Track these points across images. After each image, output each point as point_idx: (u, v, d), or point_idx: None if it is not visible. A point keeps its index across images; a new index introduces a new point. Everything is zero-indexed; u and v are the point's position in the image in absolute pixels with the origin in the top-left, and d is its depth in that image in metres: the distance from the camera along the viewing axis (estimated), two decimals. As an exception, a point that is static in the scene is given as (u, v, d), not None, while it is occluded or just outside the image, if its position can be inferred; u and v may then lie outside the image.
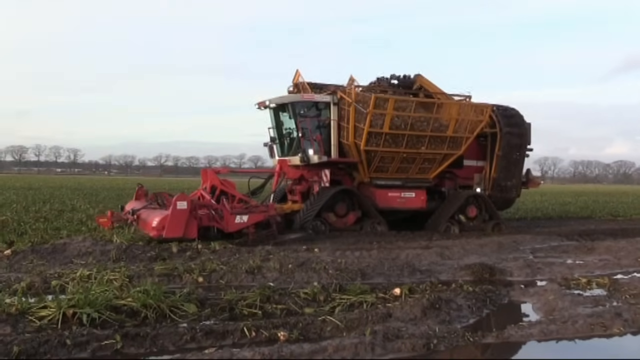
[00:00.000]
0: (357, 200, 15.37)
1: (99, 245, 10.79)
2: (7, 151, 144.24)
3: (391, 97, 15.23)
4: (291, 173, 15.79)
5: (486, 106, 16.41)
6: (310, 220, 14.38)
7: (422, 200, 16.33)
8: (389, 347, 5.62)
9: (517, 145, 17.21)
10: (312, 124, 15.44)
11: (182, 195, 12.30)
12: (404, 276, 9.56)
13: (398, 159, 15.51)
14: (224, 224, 12.41)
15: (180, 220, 11.63)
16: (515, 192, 17.76)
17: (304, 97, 15.57)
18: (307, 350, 5.34)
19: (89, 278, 8.05)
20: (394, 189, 16.04)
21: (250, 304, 7.02)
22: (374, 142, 15.04)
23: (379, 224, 15.41)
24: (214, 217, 12.42)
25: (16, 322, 6.08)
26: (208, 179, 13.76)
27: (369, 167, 15.49)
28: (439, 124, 15.70)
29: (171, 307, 6.63)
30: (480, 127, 16.27)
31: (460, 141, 16.02)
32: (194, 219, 11.90)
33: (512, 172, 17.32)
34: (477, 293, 7.89)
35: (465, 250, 12.21)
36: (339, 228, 14.97)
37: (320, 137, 15.24)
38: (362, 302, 7.33)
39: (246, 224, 12.61)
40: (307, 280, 8.79)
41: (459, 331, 6.21)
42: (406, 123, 15.15)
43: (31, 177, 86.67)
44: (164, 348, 5.63)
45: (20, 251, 10.21)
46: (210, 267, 9.12)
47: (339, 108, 15.46)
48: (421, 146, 15.51)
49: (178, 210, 11.64)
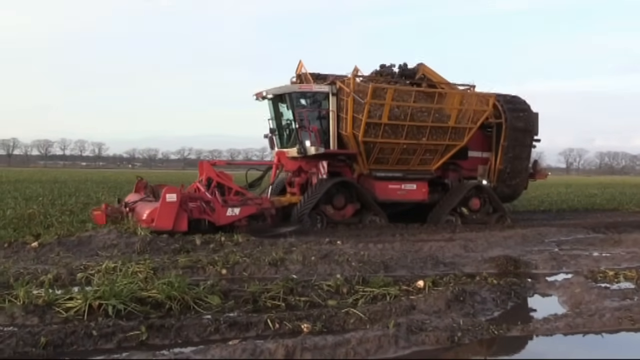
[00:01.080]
0: (356, 192, 15.11)
1: (124, 237, 10.89)
2: (34, 145, 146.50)
3: (390, 87, 14.98)
4: (289, 165, 15.56)
5: (490, 96, 16.04)
6: (307, 212, 14.13)
7: (424, 193, 16.01)
8: (413, 339, 5.59)
9: (523, 135, 16.81)
10: (310, 114, 15.19)
11: (171, 187, 12.18)
12: (427, 268, 9.51)
13: (398, 150, 15.23)
14: (215, 216, 12.32)
15: (169, 212, 11.53)
16: (522, 183, 17.39)
17: (301, 87, 15.42)
18: (330, 342, 5.33)
19: (114, 270, 8.13)
20: (395, 181, 15.75)
21: (274, 296, 7.03)
22: (373, 133, 14.77)
23: (379, 216, 15.16)
24: (205, 209, 12.33)
25: (43, 313, 6.17)
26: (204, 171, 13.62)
27: (368, 159, 15.22)
28: (440, 114, 15.42)
29: (195, 299, 6.67)
30: (484, 117, 15.91)
31: (463, 132, 15.70)
32: (183, 211, 11.81)
33: (518, 163, 16.89)
34: (501, 286, 7.81)
35: (489, 242, 12.10)
36: (337, 221, 14.74)
37: (317, 128, 14.95)
38: (385, 294, 7.29)
39: (238, 216, 12.51)
40: (330, 272, 8.78)
41: (484, 324, 6.15)
42: (406, 113, 14.90)
43: (57, 170, 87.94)
44: (188, 339, 5.66)
45: (46, 243, 10.34)
46: (234, 260, 9.15)
47: (338, 98, 15.20)
48: (422, 137, 15.22)
49: (167, 203, 11.55)
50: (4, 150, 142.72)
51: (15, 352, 5.11)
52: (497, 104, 16.52)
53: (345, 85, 14.95)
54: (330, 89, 15.20)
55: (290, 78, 16.33)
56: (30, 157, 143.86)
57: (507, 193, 17.20)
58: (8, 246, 10.17)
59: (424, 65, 16.66)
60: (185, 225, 11.75)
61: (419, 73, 16.60)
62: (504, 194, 17.07)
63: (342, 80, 15.28)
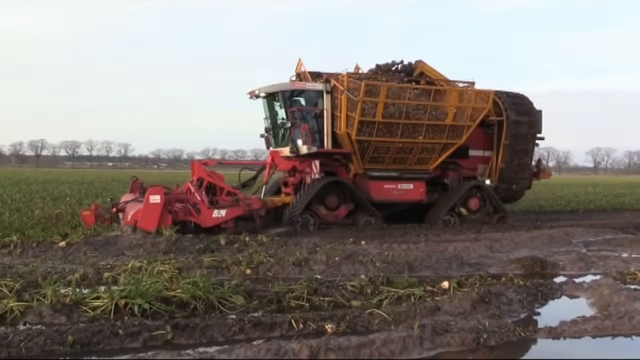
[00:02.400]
0: (350, 192, 14.78)
1: (149, 237, 10.98)
2: (61, 146, 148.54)
3: (383, 84, 14.66)
4: (283, 164, 15.28)
5: (489, 93, 15.63)
6: (298, 213, 13.83)
7: (421, 192, 15.66)
8: (438, 341, 5.54)
9: (525, 133, 16.30)
10: (303, 113, 14.89)
11: (155, 188, 12.05)
12: (452, 269, 9.44)
13: (394, 149, 14.87)
14: (201, 218, 12.22)
15: (153, 214, 11.44)
16: (525, 183, 16.97)
17: (294, 85, 15.10)
18: (354, 343, 5.31)
19: (139, 270, 8.21)
20: (391, 181, 15.38)
21: (298, 296, 7.05)
22: (367, 132, 14.40)
23: (373, 217, 14.81)
24: (191, 211, 12.23)
25: (71, 312, 6.26)
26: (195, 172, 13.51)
27: (363, 158, 14.87)
28: (437, 112, 15.04)
29: (220, 299, 6.71)
30: (483, 114, 15.50)
31: (461, 130, 15.28)
32: (168, 212, 11.72)
33: (520, 162, 16.43)
34: (528, 287, 7.71)
35: (515, 243, 11.95)
36: (329, 222, 14.42)
37: (308, 126, 14.60)
38: (409, 295, 7.26)
39: (224, 218, 12.38)
40: (354, 272, 8.76)
41: (510, 326, 6.08)
42: (401, 111, 14.52)
43: (84, 171, 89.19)
44: (213, 339, 5.69)
45: (74, 243, 10.48)
46: (258, 260, 9.18)
47: (332, 97, 14.82)
48: (418, 135, 14.84)
49: (151, 204, 11.47)
50: (33, 151, 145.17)
51: (43, 351, 5.19)
52: (498, 102, 16.13)
53: (339, 83, 14.62)
54: (325, 87, 14.83)
55: (290, 76, 15.96)
56: (58, 158, 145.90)
57: (509, 193, 16.81)
58: (36, 246, 10.34)
59: (422, 62, 16.27)
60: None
61: (417, 70, 16.25)
62: (506, 194, 16.70)
63: (337, 78, 14.93)
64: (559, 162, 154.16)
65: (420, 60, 16.36)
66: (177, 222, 11.87)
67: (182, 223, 12.06)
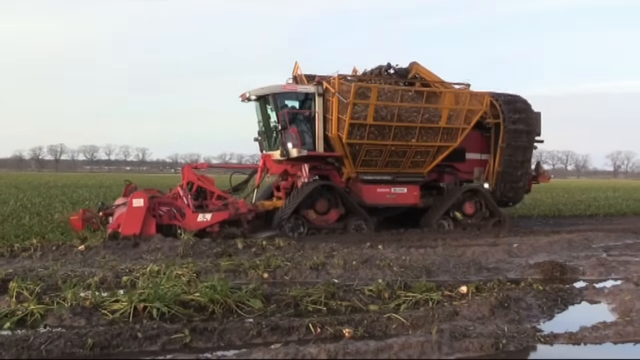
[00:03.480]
0: (340, 196, 14.52)
1: (167, 241, 11.08)
2: (80, 151, 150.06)
3: (374, 86, 14.37)
4: (274, 168, 15.06)
5: (484, 94, 15.35)
6: (286, 217, 13.64)
7: (415, 196, 15.37)
8: (456, 346, 5.51)
9: (523, 136, 15.93)
10: (295, 116, 14.70)
11: (139, 192, 12.06)
12: (470, 274, 9.38)
13: (386, 152, 14.57)
14: (186, 222, 12.16)
15: (136, 217, 11.42)
16: (523, 186, 16.52)
17: (285, 87, 14.85)
18: (372, 347, 5.30)
19: (158, 273, 8.25)
20: (384, 184, 15.10)
21: (315, 301, 7.04)
22: (358, 135, 14.12)
23: (365, 221, 14.59)
24: (175, 215, 12.17)
25: (90, 315, 6.32)
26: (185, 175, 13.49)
27: (355, 161, 14.60)
28: (430, 114, 14.71)
29: (237, 303, 6.73)
30: (478, 117, 15.18)
31: (455, 132, 14.96)
32: (151, 216, 11.69)
33: (518, 165, 16.03)
34: (547, 292, 7.64)
35: (533, 247, 11.86)
36: (319, 226, 14.20)
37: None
38: (427, 299, 7.21)
39: (209, 222, 12.30)
40: (372, 277, 8.74)
41: (529, 331, 6.02)
42: (393, 113, 14.23)
43: (102, 175, 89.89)
44: (231, 343, 5.71)
45: (93, 247, 10.58)
46: (275, 264, 9.19)
47: (324, 99, 14.60)
48: (411, 138, 14.55)
49: (134, 208, 11.45)
50: (52, 155, 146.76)
51: (63, 353, 5.24)
52: (495, 104, 15.88)
53: (330, 85, 14.39)
54: (317, 90, 14.64)
55: (287, 79, 15.80)
56: (76, 162, 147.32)
57: (507, 197, 16.43)
58: (56, 249, 10.46)
59: (417, 64, 16.03)
60: (154, 230, 11.60)
61: (412, 72, 16.00)
62: (504, 198, 16.37)
63: (328, 80, 14.70)
64: (578, 165, 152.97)
65: (415, 62, 16.11)
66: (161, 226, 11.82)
67: (167, 227, 12.00)
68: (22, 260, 9.71)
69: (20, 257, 9.90)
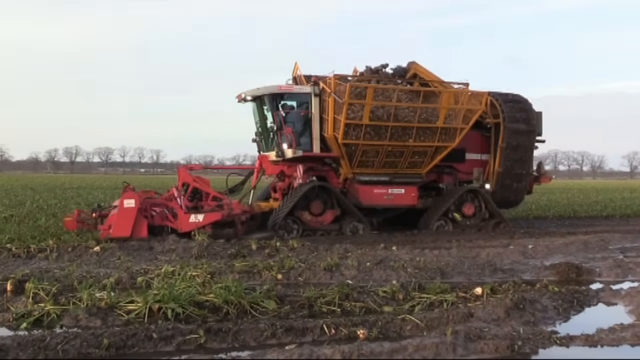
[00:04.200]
0: (336, 197, 14.37)
1: (182, 242, 11.14)
2: (95, 152, 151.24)
3: (370, 86, 14.28)
4: (270, 169, 15.03)
5: (482, 94, 15.21)
6: (281, 218, 13.53)
7: (413, 197, 15.20)
8: (471, 347, 5.48)
9: (523, 136, 15.67)
10: (290, 116, 14.58)
11: (130, 193, 11.96)
12: (485, 275, 9.33)
13: (383, 152, 14.45)
14: (178, 223, 12.12)
15: (127, 219, 11.37)
16: (524, 187, 16.29)
17: (280, 88, 14.78)
18: (387, 349, 5.28)
19: (172, 274, 8.30)
20: (381, 185, 14.94)
21: (329, 302, 7.04)
22: (353, 135, 14.03)
23: (361, 223, 14.41)
24: (167, 216, 12.12)
25: (106, 315, 6.37)
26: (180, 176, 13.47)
27: (351, 162, 14.49)
28: (427, 114, 14.63)
29: (252, 304, 6.74)
30: (476, 116, 15.06)
31: (453, 132, 14.84)
32: (143, 217, 11.63)
33: (518, 165, 15.79)
34: (563, 294, 7.57)
35: (549, 249, 11.77)
36: (314, 228, 14.06)
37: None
38: (442, 301, 7.19)
39: (201, 223, 12.25)
40: (386, 278, 8.72)
41: (545, 333, 5.97)
42: (389, 113, 14.12)
43: (117, 177, 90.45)
44: (245, 343, 5.72)
45: (108, 248, 10.65)
46: (289, 265, 9.21)
47: (321, 99, 14.49)
48: (408, 138, 14.41)
49: (125, 209, 11.38)
50: (67, 157, 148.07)
51: (79, 353, 5.28)
52: (495, 104, 15.69)
53: (327, 86, 14.34)
54: (313, 90, 14.52)
55: (286, 80, 15.79)
56: (91, 164, 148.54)
57: (508, 198, 16.21)
58: (72, 250, 10.54)
59: (416, 63, 15.95)
60: (145, 232, 11.57)
61: (411, 72, 15.93)
62: (504, 199, 16.14)
63: (325, 80, 14.63)
64: (594, 166, 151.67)
65: (414, 61, 16.03)
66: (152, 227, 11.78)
67: (159, 228, 11.97)
68: (39, 261, 9.79)
69: (37, 258, 9.99)
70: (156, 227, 12.10)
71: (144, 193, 13.90)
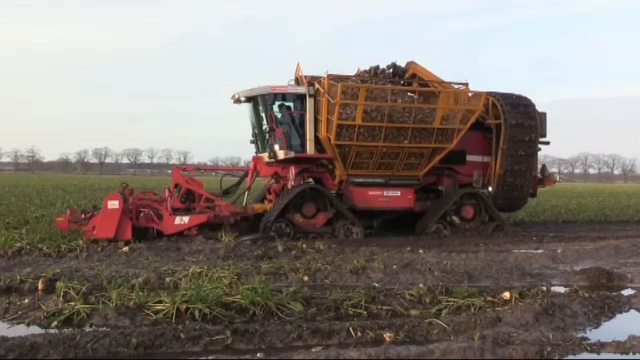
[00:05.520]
0: (328, 199, 14.08)
1: (209, 243, 11.23)
2: (124, 154, 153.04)
3: (362, 86, 14.04)
4: (264, 170, 14.86)
5: (480, 94, 14.82)
6: (272, 221, 13.29)
7: (410, 200, 14.84)
8: (499, 352, 5.41)
9: (526, 137, 15.21)
10: (283, 117, 14.45)
11: (114, 194, 11.93)
12: (513, 280, 9.22)
13: (378, 154, 14.17)
14: (163, 225, 12.05)
15: (111, 220, 11.31)
16: (526, 190, 15.72)
17: (274, 89, 14.50)
18: (413, 352, 5.25)
19: (200, 275, 8.35)
20: (376, 187, 14.61)
21: (355, 304, 7.03)
22: (346, 136, 13.80)
23: (354, 225, 14.11)
24: (153, 218, 12.06)
25: (134, 315, 6.44)
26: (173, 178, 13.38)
27: (345, 164, 14.24)
28: (423, 115, 14.30)
29: (278, 305, 6.75)
30: (475, 117, 14.64)
31: (450, 133, 14.49)
32: (127, 219, 11.57)
33: (520, 167, 15.30)
34: (594, 299, 7.44)
35: (579, 253, 11.58)
36: (306, 230, 13.75)
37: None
38: (469, 305, 7.12)
39: (187, 225, 12.17)
40: (412, 281, 8.67)
41: (575, 339, 5.87)
42: (383, 114, 13.84)
43: (145, 178, 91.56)
44: (272, 345, 5.74)
45: (136, 248, 10.78)
46: (315, 267, 9.21)
47: (316, 100, 14.28)
48: (403, 139, 14.12)
49: (109, 210, 11.32)
50: (97, 158, 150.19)
51: (108, 352, 5.35)
52: (497, 104, 15.33)
53: (320, 86, 14.12)
54: (307, 91, 14.32)
55: (288, 81, 15.42)
56: (120, 165, 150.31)
57: (509, 201, 15.74)
58: (101, 250, 10.69)
59: (414, 63, 15.68)
60: (129, 233, 11.49)
61: (409, 72, 15.67)
62: (506, 202, 15.71)
63: (319, 80, 14.42)
64: (625, 170, 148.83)
65: (412, 61, 15.79)
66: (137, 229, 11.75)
67: (144, 230, 11.93)
68: (69, 260, 9.95)
69: (67, 258, 10.14)
70: (141, 228, 12.03)
71: (143, 194, 14.00)
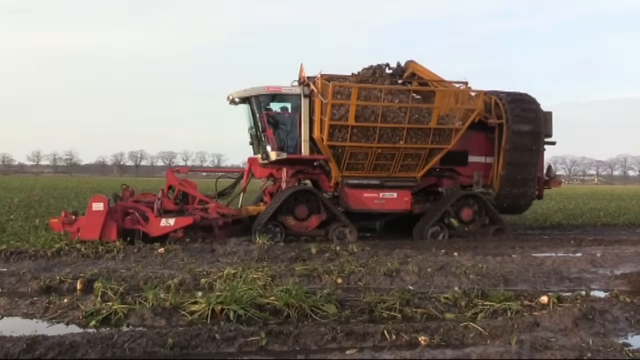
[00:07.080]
0: (321, 202, 13.76)
1: (243, 245, 11.29)
2: (159, 157, 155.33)
3: (355, 85, 13.66)
4: (259, 172, 14.68)
5: (479, 93, 14.36)
6: (263, 223, 12.98)
7: (406, 202, 14.34)
8: (537, 357, 5.30)
9: (529, 137, 14.66)
10: (277, 118, 14.12)
11: (99, 196, 11.87)
12: (551, 284, 9.05)
13: (372, 155, 13.75)
14: (149, 227, 11.96)
15: (96, 222, 11.25)
16: (531, 192, 15.09)
17: (268, 89, 14.23)
18: (449, 356, 5.19)
19: (234, 276, 8.41)
20: (371, 189, 14.15)
21: (390, 307, 6.98)
22: (339, 137, 13.43)
23: (348, 228, 13.75)
24: (139, 220, 12.00)
25: (170, 315, 6.51)
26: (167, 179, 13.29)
27: (339, 165, 13.85)
28: (419, 115, 13.89)
29: (312, 307, 6.75)
30: (474, 117, 14.15)
31: (448, 133, 14.02)
32: (112, 221, 11.51)
33: (523, 169, 14.73)
34: (636, 305, 7.24)
35: (619, 257, 11.26)
36: (299, 233, 13.43)
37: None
38: (506, 309, 7.00)
39: (172, 227, 12.04)
40: (447, 284, 8.59)
41: (617, 345, 5.72)
42: (377, 114, 13.45)
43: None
44: (306, 347, 5.73)
45: (172, 249, 10.89)
46: (349, 269, 9.18)
47: (310, 100, 13.98)
48: (399, 140, 13.70)
49: (94, 212, 11.29)
50: (133, 161, 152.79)
51: (145, 352, 5.42)
52: (499, 103, 14.85)
53: (314, 86, 13.80)
54: (302, 91, 14.07)
55: (291, 82, 15.13)
56: (155, 168, 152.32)
57: (512, 203, 15.14)
58: (137, 251, 10.82)
59: (413, 62, 15.32)
60: (114, 235, 11.42)
61: (408, 71, 15.32)
62: (509, 204, 15.13)
63: (314, 80, 14.00)
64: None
65: (412, 60, 15.46)
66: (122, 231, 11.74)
67: (130, 232, 11.91)
68: (106, 261, 10.10)
69: (104, 259, 10.29)
70: (127, 230, 12.00)
71: (143, 196, 14.04)
